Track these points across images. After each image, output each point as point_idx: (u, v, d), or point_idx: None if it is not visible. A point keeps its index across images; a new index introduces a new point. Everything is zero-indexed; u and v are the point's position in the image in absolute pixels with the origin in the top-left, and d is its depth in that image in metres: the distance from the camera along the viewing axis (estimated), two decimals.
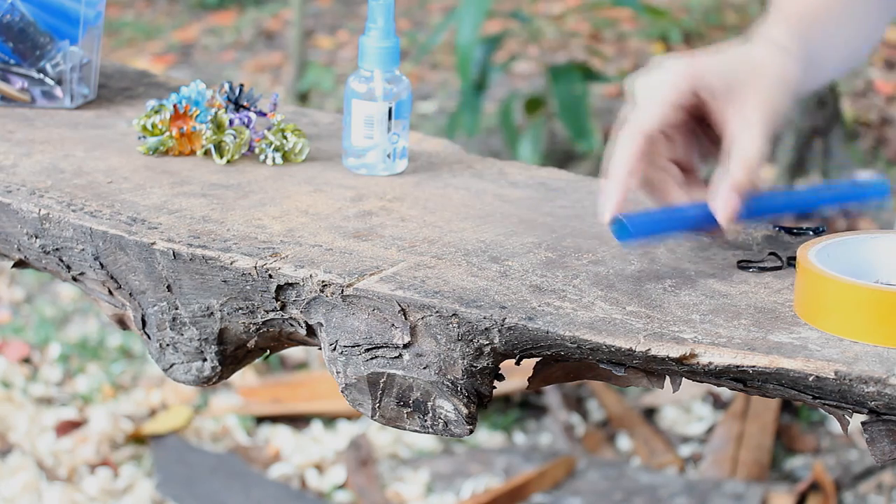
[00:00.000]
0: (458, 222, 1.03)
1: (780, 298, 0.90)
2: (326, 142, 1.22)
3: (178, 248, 0.96)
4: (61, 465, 2.30)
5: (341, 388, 0.92)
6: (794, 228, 1.03)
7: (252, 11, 5.35)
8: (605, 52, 4.42)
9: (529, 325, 0.85)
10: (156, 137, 1.17)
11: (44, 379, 2.60)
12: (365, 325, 0.90)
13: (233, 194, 1.08)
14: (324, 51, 4.69)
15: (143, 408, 2.50)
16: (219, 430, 2.44)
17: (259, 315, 0.96)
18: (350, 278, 0.91)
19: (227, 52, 4.84)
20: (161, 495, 2.24)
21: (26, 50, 1.25)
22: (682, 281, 0.93)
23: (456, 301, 0.87)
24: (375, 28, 1.11)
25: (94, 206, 1.03)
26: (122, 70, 1.45)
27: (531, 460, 2.31)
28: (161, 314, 1.00)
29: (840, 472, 2.32)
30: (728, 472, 2.28)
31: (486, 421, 2.45)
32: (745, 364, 0.81)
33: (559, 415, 2.47)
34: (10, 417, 2.43)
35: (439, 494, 2.24)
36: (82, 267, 1.03)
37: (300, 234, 0.99)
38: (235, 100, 1.18)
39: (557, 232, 1.01)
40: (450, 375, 0.88)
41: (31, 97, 1.28)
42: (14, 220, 1.04)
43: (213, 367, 1.00)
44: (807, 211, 1.00)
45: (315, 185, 1.11)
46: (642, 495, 2.21)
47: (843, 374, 0.79)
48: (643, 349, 0.83)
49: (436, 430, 0.90)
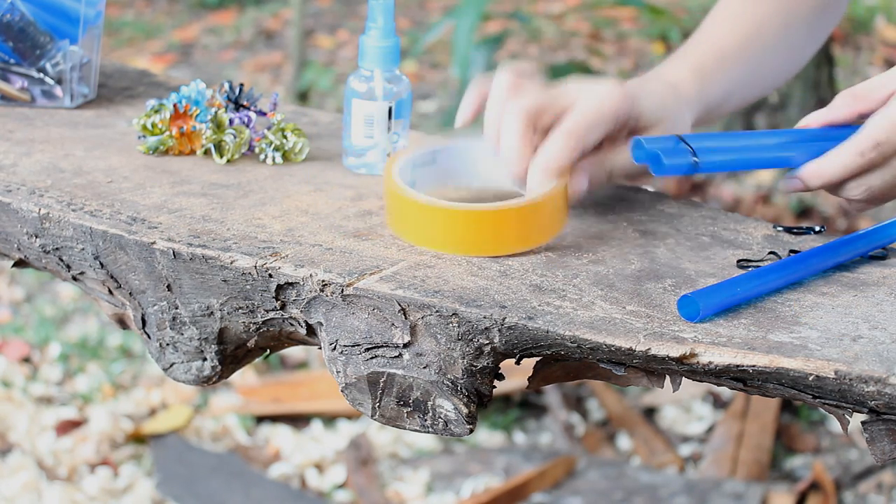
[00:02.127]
0: None
1: (780, 298, 0.90)
2: (326, 141, 1.22)
3: (178, 247, 0.96)
4: (61, 464, 2.31)
5: (341, 387, 0.92)
6: (794, 228, 1.03)
7: (252, 11, 5.35)
8: (605, 51, 4.42)
9: (529, 324, 0.85)
10: (156, 137, 1.17)
11: (44, 378, 2.60)
12: (365, 324, 0.90)
13: (233, 194, 1.08)
14: (324, 50, 4.69)
15: (143, 407, 2.50)
16: (219, 429, 2.44)
17: (259, 314, 0.96)
18: (350, 278, 0.91)
19: (227, 51, 4.84)
20: (161, 495, 2.24)
21: (26, 49, 1.25)
22: (682, 281, 0.93)
23: (456, 300, 0.87)
24: (375, 27, 1.10)
25: (93, 205, 1.03)
26: (122, 69, 1.45)
27: (531, 460, 2.31)
28: (161, 313, 1.00)
29: (840, 472, 2.32)
30: (728, 471, 2.28)
31: (486, 420, 2.45)
32: (745, 363, 0.81)
33: (559, 414, 2.47)
34: (10, 417, 2.43)
35: (439, 494, 2.24)
36: (82, 266, 1.03)
37: (300, 233, 0.99)
38: (235, 99, 1.18)
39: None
40: (450, 375, 0.88)
41: (31, 96, 1.28)
42: (14, 220, 1.04)
43: (213, 367, 1.00)
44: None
45: (315, 184, 1.11)
46: (642, 495, 2.21)
47: (843, 374, 0.79)
48: (643, 349, 0.83)
49: (436, 429, 0.90)
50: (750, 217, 1.07)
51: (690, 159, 0.92)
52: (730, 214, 1.07)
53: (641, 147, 0.93)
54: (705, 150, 0.94)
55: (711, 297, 0.86)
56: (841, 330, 0.85)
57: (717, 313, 0.86)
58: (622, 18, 4.83)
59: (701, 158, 0.92)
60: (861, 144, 0.95)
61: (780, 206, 3.36)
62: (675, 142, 0.93)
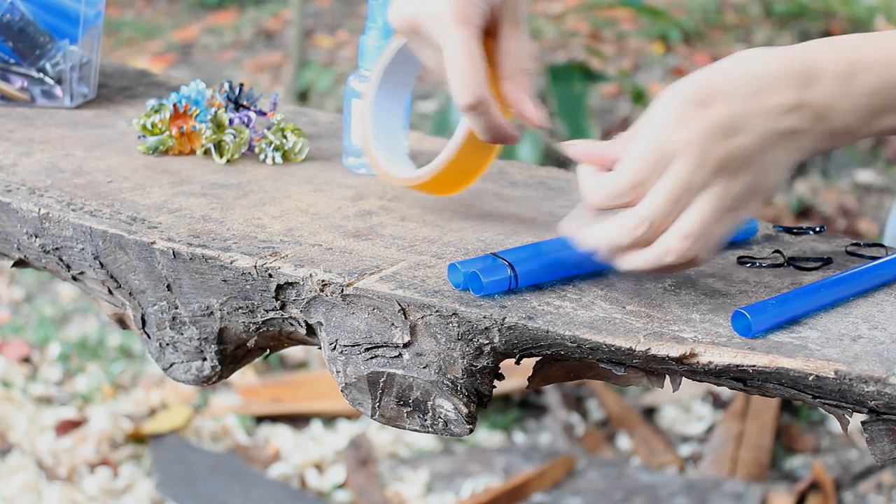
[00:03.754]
0: (458, 222, 1.03)
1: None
2: (326, 141, 1.22)
3: (177, 247, 0.96)
4: (61, 464, 2.30)
5: (341, 387, 0.92)
6: (794, 228, 1.03)
7: (252, 11, 5.35)
8: (604, 51, 4.42)
9: (529, 324, 0.85)
10: (156, 137, 1.17)
11: (43, 378, 2.60)
12: (365, 324, 0.90)
13: (233, 194, 1.08)
14: (323, 50, 4.68)
15: (142, 407, 2.50)
16: (218, 429, 2.44)
17: (259, 314, 0.96)
18: (350, 277, 0.91)
19: (227, 51, 4.84)
20: (161, 495, 2.24)
21: (26, 49, 1.25)
22: (682, 280, 0.93)
23: (456, 300, 0.87)
24: (375, 27, 1.10)
25: (93, 205, 1.03)
26: (121, 69, 1.45)
27: (531, 460, 2.31)
28: (161, 313, 1.00)
29: (840, 472, 2.32)
30: (728, 471, 2.28)
31: (485, 420, 2.45)
32: (744, 363, 0.81)
33: (559, 414, 2.47)
34: (9, 417, 2.43)
35: (439, 494, 2.24)
36: (82, 266, 1.03)
37: (300, 233, 0.99)
38: (235, 99, 1.18)
39: (558, 231, 1.01)
40: (450, 375, 0.88)
41: (31, 96, 1.28)
42: (14, 220, 1.04)
43: (212, 367, 1.00)
44: None
45: (315, 184, 1.11)
46: (642, 495, 2.21)
47: (843, 374, 0.79)
48: (643, 348, 0.83)
49: (436, 429, 0.90)
50: (749, 217, 1.07)
51: (507, 273, 0.89)
52: None
53: (457, 270, 0.89)
54: (521, 262, 0.90)
55: (763, 313, 0.84)
56: (841, 330, 0.85)
57: (769, 329, 0.85)
58: (622, 18, 4.83)
59: (519, 269, 0.89)
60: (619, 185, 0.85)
61: (779, 206, 3.36)
62: (492, 259, 0.90)
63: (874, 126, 0.86)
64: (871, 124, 0.85)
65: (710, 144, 0.81)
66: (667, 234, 0.82)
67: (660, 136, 0.82)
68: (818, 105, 0.83)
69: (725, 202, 0.82)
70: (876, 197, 3.53)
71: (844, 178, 3.61)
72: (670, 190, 0.82)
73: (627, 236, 0.83)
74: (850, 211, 3.40)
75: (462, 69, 0.92)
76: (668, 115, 0.82)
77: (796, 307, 0.86)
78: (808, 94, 0.83)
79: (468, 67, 0.92)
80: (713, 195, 0.82)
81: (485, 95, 0.92)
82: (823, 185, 3.54)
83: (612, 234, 0.84)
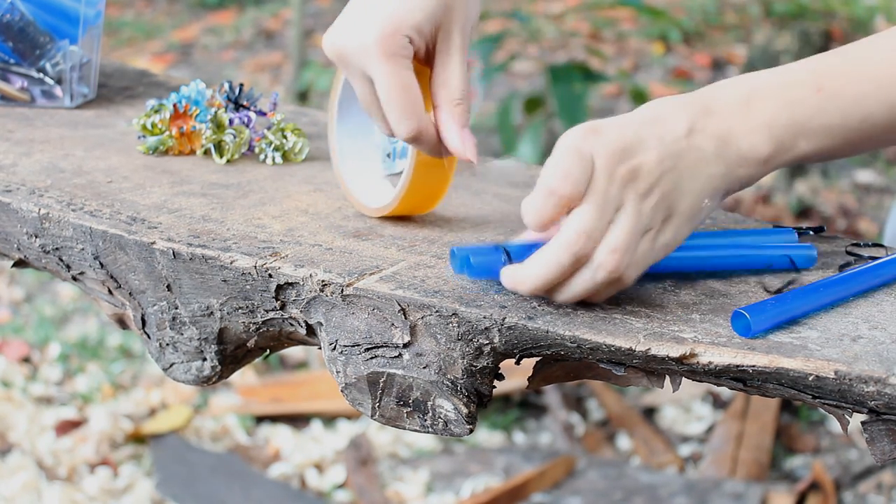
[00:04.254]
0: (457, 222, 1.03)
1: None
2: (326, 141, 1.22)
3: (177, 247, 0.96)
4: (61, 464, 2.30)
5: (341, 387, 0.92)
6: (794, 228, 1.03)
7: (252, 11, 5.35)
8: (604, 51, 4.42)
9: (529, 324, 0.85)
10: (156, 137, 1.17)
11: (43, 378, 2.60)
12: (365, 324, 0.90)
13: (233, 194, 1.08)
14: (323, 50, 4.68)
15: (142, 407, 2.50)
16: (218, 429, 2.44)
17: (259, 314, 0.96)
18: (350, 278, 0.91)
19: (227, 51, 4.84)
20: (161, 495, 2.23)
21: (26, 49, 1.25)
22: (682, 281, 0.93)
23: (456, 300, 0.87)
24: None
25: (93, 205, 1.03)
26: (121, 69, 1.45)
27: (531, 460, 2.31)
28: (161, 314, 1.00)
29: (840, 472, 2.32)
30: (728, 471, 2.28)
31: (485, 420, 2.45)
32: (744, 363, 0.81)
33: (559, 414, 2.47)
34: (9, 417, 2.43)
35: (439, 494, 2.24)
36: (82, 266, 1.03)
37: (300, 233, 0.99)
38: (235, 99, 1.18)
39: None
40: (450, 375, 0.88)
41: (31, 96, 1.28)
42: (14, 220, 1.04)
43: (212, 367, 1.00)
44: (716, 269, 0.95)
45: (315, 184, 1.11)
46: (642, 495, 2.21)
47: (843, 374, 0.79)
48: (643, 349, 0.83)
49: (436, 429, 0.90)
50: (750, 217, 1.07)
51: (502, 257, 0.89)
52: (729, 214, 1.07)
53: (454, 255, 0.89)
54: (520, 251, 0.89)
55: (763, 313, 0.84)
56: (841, 330, 0.85)
57: (768, 329, 0.85)
58: (622, 18, 4.83)
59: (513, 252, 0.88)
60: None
61: (779, 206, 3.36)
62: (494, 246, 0.90)
63: (793, 151, 0.88)
64: (788, 149, 0.88)
65: (615, 160, 0.84)
66: (597, 251, 0.84)
67: (574, 143, 0.85)
68: (716, 128, 0.87)
69: (642, 219, 0.84)
70: (876, 197, 3.54)
71: (844, 179, 3.61)
72: (594, 200, 0.84)
73: (567, 252, 0.84)
74: (850, 211, 3.40)
75: (398, 102, 0.93)
76: (576, 135, 0.85)
77: (796, 307, 0.87)
78: (703, 121, 0.87)
79: (403, 99, 0.93)
80: (630, 211, 0.84)
81: (424, 125, 0.94)
82: (823, 185, 3.54)
83: (553, 257, 0.84)
